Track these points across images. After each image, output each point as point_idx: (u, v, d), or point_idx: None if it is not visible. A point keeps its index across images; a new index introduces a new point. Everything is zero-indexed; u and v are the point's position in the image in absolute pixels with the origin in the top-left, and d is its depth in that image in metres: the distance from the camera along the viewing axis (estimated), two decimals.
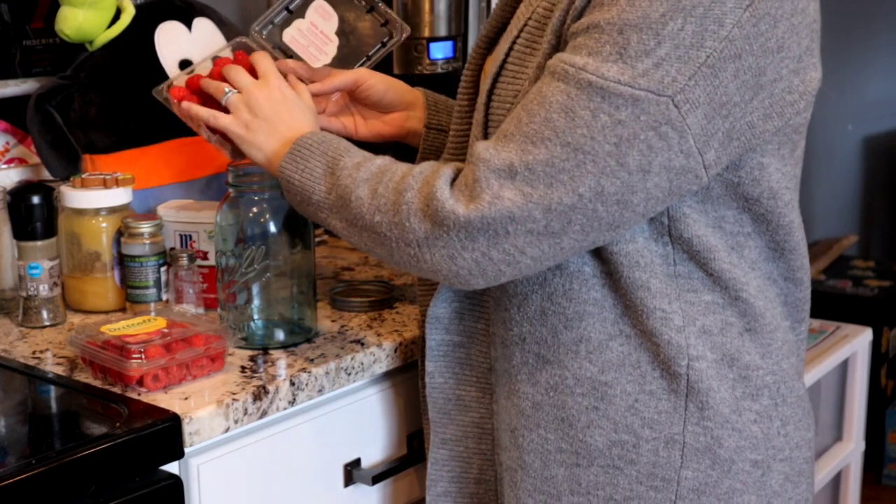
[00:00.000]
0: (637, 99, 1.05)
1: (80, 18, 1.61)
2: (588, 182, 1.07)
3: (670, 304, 1.16)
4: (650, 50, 1.04)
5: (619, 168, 1.06)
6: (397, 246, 1.14)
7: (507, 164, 1.08)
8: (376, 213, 1.15)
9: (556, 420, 1.20)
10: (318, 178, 1.21)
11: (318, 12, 1.45)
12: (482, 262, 1.11)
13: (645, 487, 1.18)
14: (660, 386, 1.16)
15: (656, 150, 1.06)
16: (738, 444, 1.18)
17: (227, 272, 1.39)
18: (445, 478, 1.35)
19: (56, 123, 1.62)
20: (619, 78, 1.05)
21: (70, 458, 1.11)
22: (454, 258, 1.12)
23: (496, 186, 1.08)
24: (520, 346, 1.22)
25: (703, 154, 1.08)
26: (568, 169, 1.07)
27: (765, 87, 1.09)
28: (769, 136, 1.12)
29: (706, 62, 1.05)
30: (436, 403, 1.33)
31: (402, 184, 1.14)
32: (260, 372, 1.32)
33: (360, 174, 1.18)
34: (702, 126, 1.07)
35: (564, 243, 1.10)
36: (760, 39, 1.07)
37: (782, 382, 1.20)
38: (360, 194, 1.16)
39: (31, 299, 1.49)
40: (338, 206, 1.19)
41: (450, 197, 1.10)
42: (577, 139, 1.06)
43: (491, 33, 1.30)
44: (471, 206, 1.09)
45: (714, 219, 1.16)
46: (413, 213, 1.12)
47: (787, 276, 1.21)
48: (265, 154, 1.29)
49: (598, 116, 1.06)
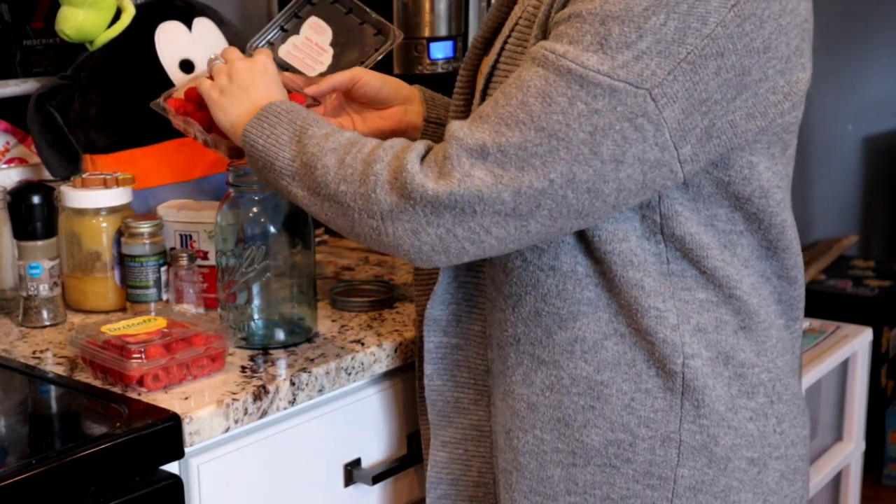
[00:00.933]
0: (615, 90, 1.05)
1: (80, 18, 1.61)
2: (560, 168, 1.07)
3: (664, 302, 1.16)
4: (631, 42, 1.05)
5: (593, 156, 1.06)
6: (360, 217, 1.13)
7: (480, 143, 1.08)
8: (342, 182, 1.14)
9: (552, 420, 1.20)
10: (283, 145, 1.20)
11: (312, 28, 1.47)
12: (446, 239, 1.11)
13: (642, 486, 1.18)
14: (655, 384, 1.17)
15: (631, 141, 1.06)
16: (734, 441, 1.18)
17: (227, 272, 1.39)
18: (445, 480, 1.34)
19: (56, 123, 1.62)
20: (599, 68, 1.05)
21: (70, 457, 1.11)
22: (417, 233, 1.11)
23: (467, 165, 1.08)
24: (514, 348, 1.22)
25: (678, 149, 1.08)
26: (540, 154, 1.07)
27: (749, 86, 1.09)
28: (752, 135, 1.12)
29: (686, 58, 1.05)
30: (435, 406, 1.33)
31: (372, 155, 1.14)
32: (260, 372, 1.32)
33: (328, 143, 1.17)
34: (678, 121, 1.07)
35: (531, 227, 1.10)
36: (745, 39, 1.07)
37: (777, 380, 1.20)
38: (326, 163, 1.15)
39: (31, 299, 1.49)
40: (302, 173, 1.18)
41: (419, 171, 1.10)
42: (552, 125, 1.06)
43: (487, 34, 1.31)
44: (440, 182, 1.09)
45: (706, 217, 1.16)
46: (380, 184, 1.11)
47: (781, 274, 1.22)
48: (230, 118, 1.29)
49: (574, 104, 1.06)
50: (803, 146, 1.23)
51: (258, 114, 1.23)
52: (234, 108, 1.29)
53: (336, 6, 1.49)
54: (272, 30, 1.47)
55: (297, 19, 1.48)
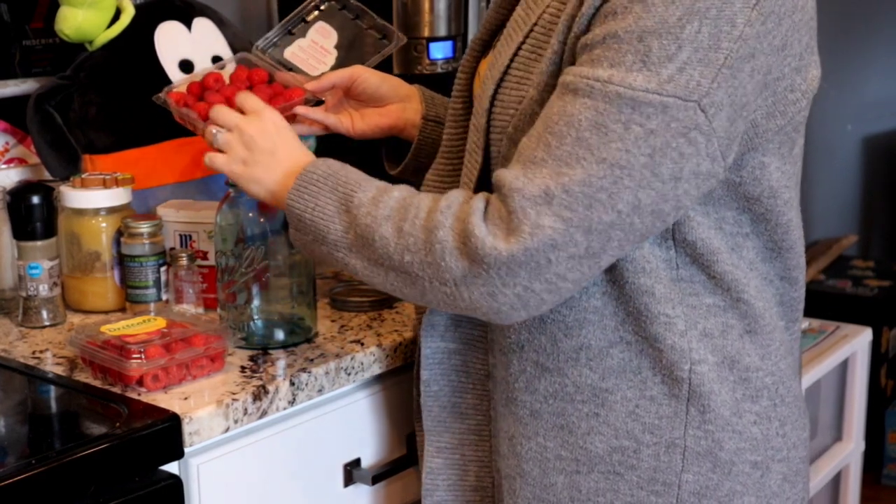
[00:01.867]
0: (666, 106, 1.03)
1: (79, 18, 1.61)
2: (626, 197, 1.05)
3: (674, 308, 1.15)
4: (672, 55, 1.03)
5: (654, 178, 1.05)
6: (431, 285, 1.11)
7: (543, 189, 1.05)
8: (405, 252, 1.11)
9: (556, 427, 1.20)
10: (331, 216, 1.16)
11: (318, 32, 1.48)
12: (524, 296, 1.08)
13: (646, 493, 1.17)
14: (661, 391, 1.16)
15: (687, 157, 1.05)
16: (738, 446, 1.18)
17: (226, 272, 1.39)
18: (442, 486, 1.34)
19: (56, 123, 1.62)
20: (647, 86, 1.03)
21: (70, 458, 1.11)
22: (494, 295, 1.08)
23: (534, 215, 1.05)
24: (517, 354, 1.21)
25: (725, 158, 1.08)
26: (606, 187, 1.04)
27: (769, 85, 1.09)
28: (771, 134, 1.12)
29: (725, 63, 1.04)
30: (431, 412, 1.32)
31: (431, 221, 1.10)
32: (260, 372, 1.32)
33: (380, 211, 1.13)
34: (725, 129, 1.06)
35: (603, 261, 1.09)
36: (768, 38, 1.07)
37: (780, 383, 1.20)
38: (383, 233, 1.12)
39: (30, 299, 1.49)
40: (358, 245, 1.14)
41: (488, 233, 1.07)
42: (612, 154, 1.04)
43: (485, 36, 1.30)
44: (511, 240, 1.06)
45: (715, 220, 1.15)
46: (448, 251, 1.08)
47: (784, 275, 1.21)
48: (267, 188, 1.23)
49: (630, 128, 1.04)
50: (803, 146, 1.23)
51: (296, 183, 1.18)
52: (268, 176, 1.23)
53: (344, 12, 1.50)
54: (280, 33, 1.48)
55: (305, 24, 1.49)
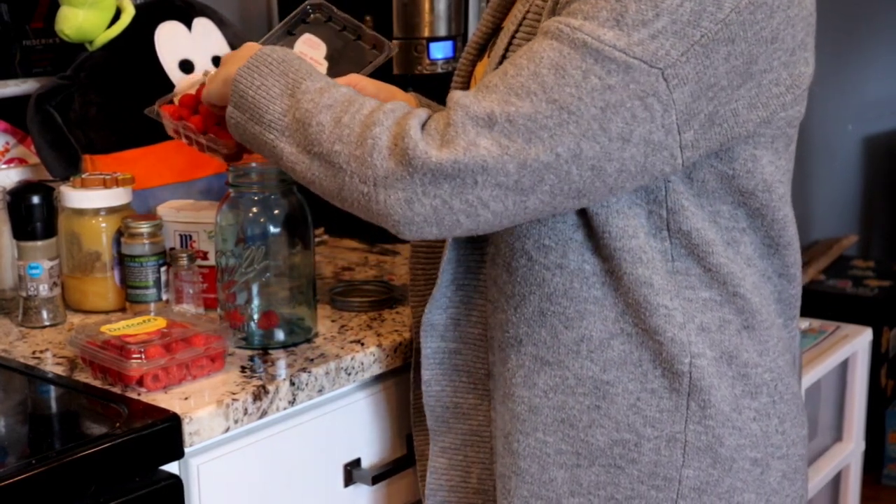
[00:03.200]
0: (629, 66, 1.04)
1: (80, 18, 1.61)
2: (568, 142, 1.05)
3: (671, 300, 1.15)
4: (648, 21, 1.04)
5: (601, 133, 1.05)
6: (351, 180, 1.09)
7: (488, 112, 1.06)
8: (337, 142, 1.10)
9: (556, 422, 1.20)
10: (274, 97, 1.16)
11: (306, 44, 1.47)
12: (441, 211, 1.07)
13: (647, 487, 1.18)
14: (662, 384, 1.16)
15: (639, 120, 1.05)
16: (738, 442, 1.18)
17: (227, 272, 1.39)
18: (444, 487, 1.34)
19: (56, 123, 1.62)
20: (615, 43, 1.04)
21: (70, 458, 1.11)
22: (411, 203, 1.07)
23: (472, 133, 1.05)
24: (516, 349, 1.21)
25: (682, 133, 1.08)
26: (550, 126, 1.05)
27: (754, 75, 1.10)
28: (753, 126, 1.12)
29: (700, 41, 1.05)
30: (433, 412, 1.32)
31: (372, 117, 1.10)
32: (260, 372, 1.32)
33: (324, 99, 1.13)
34: (686, 104, 1.06)
35: (529, 203, 1.08)
36: (756, 27, 1.07)
37: (779, 380, 1.20)
38: (321, 120, 1.11)
39: (30, 299, 1.49)
40: (292, 129, 1.13)
41: (421, 138, 1.06)
42: (563, 97, 1.05)
43: (481, 39, 1.30)
44: (444, 150, 1.05)
45: (710, 213, 1.16)
46: (378, 149, 1.08)
47: (782, 272, 1.22)
48: (221, 77, 1.23)
49: (588, 78, 1.04)
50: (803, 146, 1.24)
51: (249, 61, 1.18)
52: (225, 70, 1.24)
53: (330, 24, 1.50)
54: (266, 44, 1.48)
55: (291, 36, 1.48)
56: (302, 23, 1.48)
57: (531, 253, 1.18)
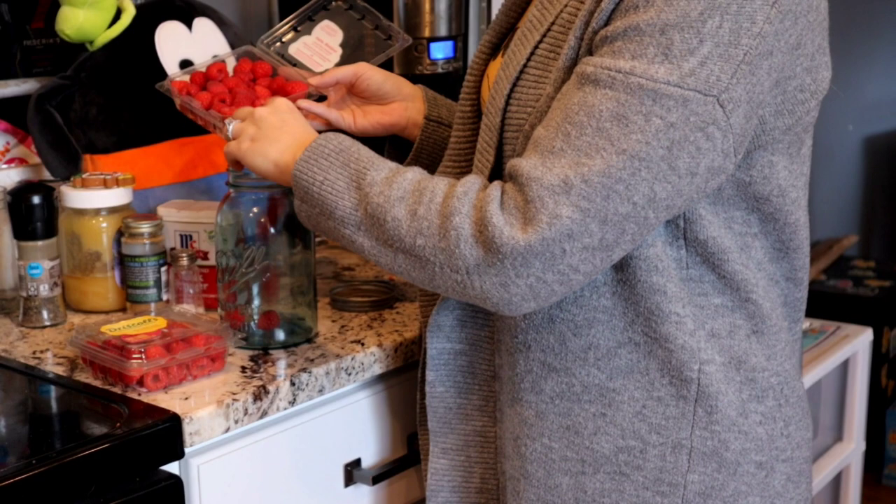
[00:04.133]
0: (686, 100, 1.03)
1: (80, 18, 1.61)
2: (642, 189, 1.04)
3: (684, 307, 1.15)
4: (694, 49, 1.03)
5: (671, 172, 1.05)
6: (441, 271, 1.10)
7: (562, 179, 1.04)
8: (418, 236, 1.10)
9: (562, 428, 1.19)
10: (341, 192, 1.14)
11: (324, 30, 1.48)
12: (536, 287, 1.07)
13: (651, 493, 1.17)
14: (668, 392, 1.16)
15: (704, 152, 1.05)
16: (743, 446, 1.17)
17: (227, 272, 1.39)
18: (446, 488, 1.34)
19: (56, 123, 1.62)
20: (668, 79, 1.03)
21: (70, 458, 1.11)
22: (507, 286, 1.07)
23: (552, 204, 1.04)
24: (524, 354, 1.21)
25: (737, 154, 1.08)
26: (624, 178, 1.04)
27: (780, 83, 1.10)
28: (779, 133, 1.12)
29: (744, 59, 1.04)
30: (436, 412, 1.32)
31: (448, 206, 1.09)
32: (260, 372, 1.32)
33: (394, 191, 1.12)
34: (741, 126, 1.06)
35: (615, 254, 1.08)
36: (785, 36, 1.07)
37: (785, 383, 1.20)
38: (396, 215, 1.10)
39: (31, 299, 1.49)
40: (367, 224, 1.12)
41: (505, 223, 1.06)
42: (632, 146, 1.04)
43: (494, 39, 1.30)
44: (528, 230, 1.05)
45: (724, 220, 1.15)
46: (463, 239, 1.07)
47: (790, 276, 1.22)
48: (273, 159, 1.22)
49: (650, 120, 1.03)
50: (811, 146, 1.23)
51: (305, 153, 1.17)
52: (274, 148, 1.22)
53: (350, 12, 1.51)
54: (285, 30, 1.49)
55: (311, 22, 1.50)
56: (323, 9, 1.50)
57: None
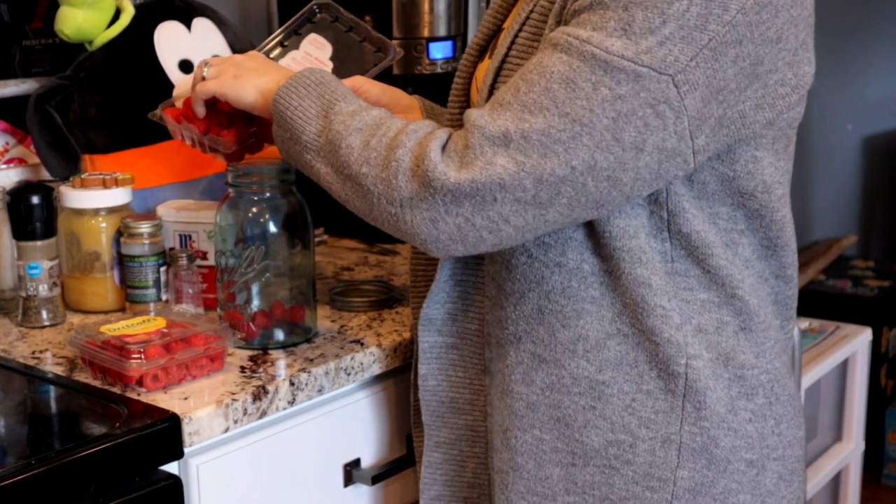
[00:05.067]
0: (639, 75, 1.05)
1: (79, 18, 1.61)
2: (582, 155, 1.07)
3: (669, 301, 1.16)
4: (655, 28, 1.05)
5: (615, 143, 1.07)
6: (378, 202, 1.13)
7: (503, 131, 1.08)
8: (364, 164, 1.14)
9: (552, 420, 1.20)
10: (310, 118, 1.19)
11: (311, 44, 1.48)
12: (464, 228, 1.11)
13: (641, 488, 1.18)
14: (657, 385, 1.17)
15: (652, 129, 1.07)
16: (733, 443, 1.18)
17: (226, 272, 1.39)
18: (439, 481, 1.34)
19: (55, 123, 1.62)
20: (623, 53, 1.05)
21: (69, 458, 1.11)
22: (436, 222, 1.11)
23: (489, 153, 1.08)
24: (515, 346, 1.22)
25: (694, 138, 1.09)
26: (564, 140, 1.07)
27: (760, 76, 1.10)
28: (759, 127, 1.13)
29: (708, 45, 1.06)
30: (429, 406, 1.33)
31: (396, 140, 1.13)
32: (259, 372, 1.32)
33: (355, 122, 1.16)
34: (698, 109, 1.07)
35: (549, 216, 1.10)
36: (761, 28, 1.08)
37: (776, 381, 1.21)
38: (351, 143, 1.15)
39: (30, 299, 1.49)
40: (326, 150, 1.17)
41: (441, 160, 1.10)
42: (576, 110, 1.06)
43: (482, 40, 1.31)
44: (462, 171, 1.09)
45: (709, 215, 1.16)
46: (402, 171, 1.11)
47: (779, 273, 1.22)
48: (259, 87, 1.27)
49: (598, 89, 1.06)
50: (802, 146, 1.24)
51: (290, 81, 1.22)
52: (261, 79, 1.28)
53: (336, 24, 1.50)
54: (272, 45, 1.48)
55: (297, 36, 1.49)
56: (308, 22, 1.49)
57: (531, 250, 1.19)
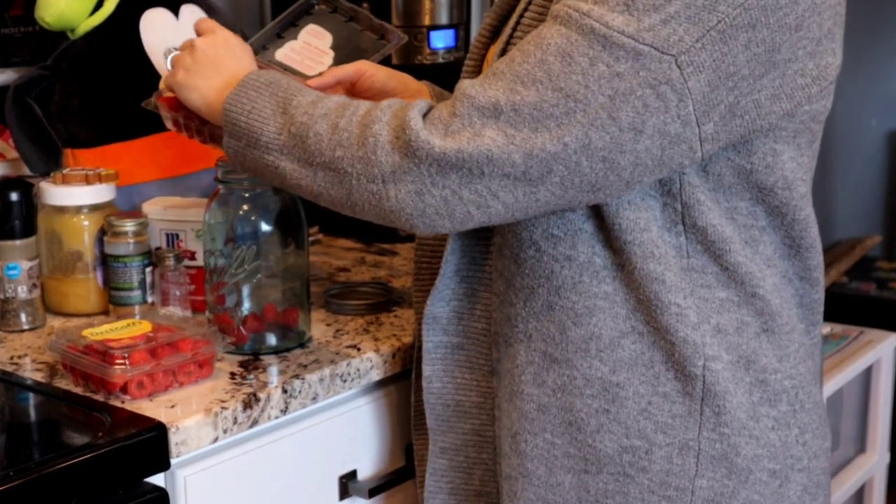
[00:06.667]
0: (639, 53, 1.05)
1: (61, 5, 1.61)
2: (575, 132, 1.06)
3: (685, 299, 1.15)
4: (659, 5, 1.05)
5: (611, 122, 1.06)
6: (358, 182, 1.12)
7: (493, 101, 1.08)
8: (337, 147, 1.13)
9: (564, 423, 1.20)
10: (267, 118, 1.18)
11: (310, 34, 1.47)
12: (451, 202, 1.10)
13: (657, 497, 1.17)
14: (674, 388, 1.16)
15: (652, 110, 1.06)
16: (755, 452, 1.17)
17: (216, 273, 1.39)
18: (444, 489, 1.34)
19: (35, 116, 1.63)
20: (624, 29, 1.05)
21: (50, 469, 1.10)
22: (422, 194, 1.10)
23: (478, 123, 1.08)
24: (525, 344, 1.21)
25: (701, 125, 1.08)
26: (556, 115, 1.06)
27: (777, 65, 1.09)
28: (776, 119, 1.12)
29: (716, 27, 1.05)
30: (434, 410, 1.32)
31: (369, 116, 1.13)
32: (250, 379, 1.32)
33: (318, 110, 1.16)
34: (704, 93, 1.07)
35: (540, 194, 1.10)
36: (779, 13, 1.07)
37: (800, 388, 1.20)
38: (318, 130, 1.14)
39: (8, 301, 1.49)
40: (290, 145, 1.16)
41: (423, 128, 1.09)
42: (570, 85, 1.06)
43: (494, 22, 1.31)
44: (448, 140, 1.08)
45: (726, 209, 1.16)
46: (381, 145, 1.11)
47: (803, 275, 1.22)
48: (203, 94, 1.26)
49: (595, 65, 1.06)
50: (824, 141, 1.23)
51: (236, 88, 1.21)
52: (205, 84, 1.27)
53: (336, 15, 1.50)
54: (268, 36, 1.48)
55: (294, 27, 1.49)
56: (306, 14, 1.49)
57: (539, 243, 1.19)
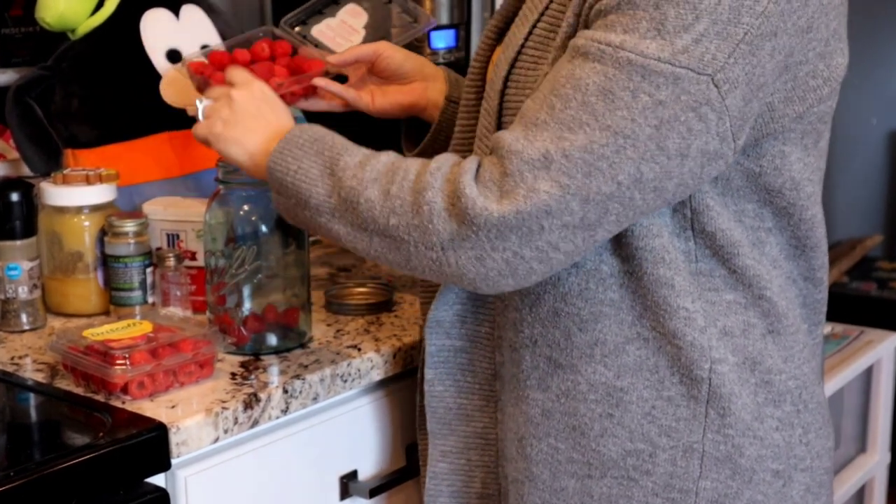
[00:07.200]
0: (677, 77, 1.04)
1: (61, 6, 1.61)
2: (628, 169, 1.06)
3: (693, 302, 1.16)
4: (689, 25, 1.04)
5: (659, 152, 1.06)
6: (416, 250, 1.12)
7: (542, 153, 1.07)
8: (391, 215, 1.12)
9: (568, 428, 1.20)
10: (314, 179, 1.17)
11: (349, 13, 1.50)
12: (513, 262, 1.09)
13: (661, 500, 1.18)
14: (678, 392, 1.17)
15: (695, 133, 1.06)
16: (759, 453, 1.18)
17: (216, 273, 1.39)
18: (446, 493, 1.34)
19: (36, 116, 1.63)
20: (660, 55, 1.04)
21: (50, 469, 1.11)
22: (483, 259, 1.10)
23: (531, 179, 1.07)
24: (530, 350, 1.22)
25: (736, 139, 1.08)
26: (608, 155, 1.05)
27: (790, 68, 1.10)
28: (788, 121, 1.13)
29: (744, 39, 1.05)
30: (435, 413, 1.33)
31: (420, 182, 1.11)
32: (251, 379, 1.32)
33: (366, 174, 1.14)
34: (739, 108, 1.07)
35: (598, 235, 1.10)
36: (793, 17, 1.08)
37: (804, 388, 1.21)
38: (369, 196, 1.13)
39: (9, 302, 1.49)
40: (342, 209, 1.15)
41: (479, 194, 1.08)
42: (616, 122, 1.05)
43: (500, 23, 1.31)
44: (504, 203, 1.07)
45: (734, 212, 1.16)
46: (436, 213, 1.10)
47: (808, 276, 1.22)
48: (247, 149, 1.24)
49: (638, 97, 1.05)
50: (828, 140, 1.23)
51: (279, 145, 1.20)
52: (248, 138, 1.24)
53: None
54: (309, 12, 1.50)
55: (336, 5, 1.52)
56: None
57: None
